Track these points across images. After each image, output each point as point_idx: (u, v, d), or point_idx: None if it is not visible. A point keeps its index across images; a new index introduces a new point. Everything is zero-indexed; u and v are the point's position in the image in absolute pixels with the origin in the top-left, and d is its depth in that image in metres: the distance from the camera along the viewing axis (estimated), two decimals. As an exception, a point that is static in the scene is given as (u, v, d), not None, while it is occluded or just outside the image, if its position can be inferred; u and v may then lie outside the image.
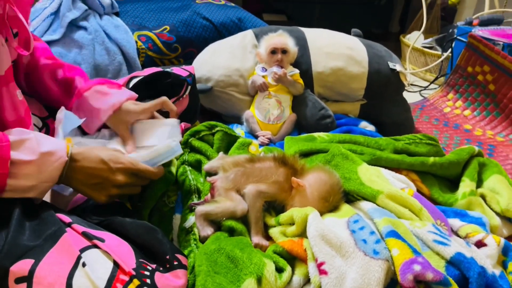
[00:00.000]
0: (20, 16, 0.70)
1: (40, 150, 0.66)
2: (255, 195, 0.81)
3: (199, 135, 1.03)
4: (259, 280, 0.65)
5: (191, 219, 0.82)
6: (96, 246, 0.62)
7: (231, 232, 0.79)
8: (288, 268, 0.71)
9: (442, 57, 2.09)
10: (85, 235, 0.64)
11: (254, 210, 0.80)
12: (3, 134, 0.65)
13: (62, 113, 0.83)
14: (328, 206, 0.83)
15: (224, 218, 0.80)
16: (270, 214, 0.85)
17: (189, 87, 1.05)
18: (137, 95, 0.92)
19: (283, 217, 0.81)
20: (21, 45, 0.75)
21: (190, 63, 1.48)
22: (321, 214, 0.80)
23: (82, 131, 0.92)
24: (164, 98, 0.89)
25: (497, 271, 0.75)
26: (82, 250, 0.61)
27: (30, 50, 0.74)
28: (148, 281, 0.59)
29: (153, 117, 0.91)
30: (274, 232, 0.80)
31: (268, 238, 0.81)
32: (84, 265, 0.59)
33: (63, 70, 0.90)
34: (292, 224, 0.78)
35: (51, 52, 0.93)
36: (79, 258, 0.59)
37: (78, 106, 0.88)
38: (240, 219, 0.81)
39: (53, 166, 0.67)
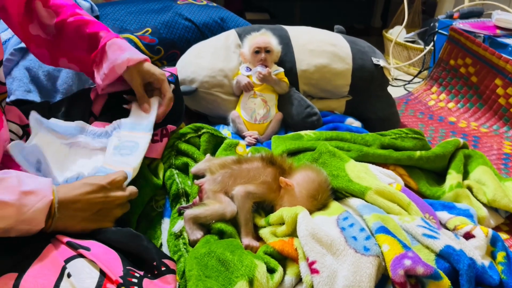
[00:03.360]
0: None
1: (21, 189, 0.59)
2: (244, 196, 0.81)
3: (186, 137, 1.02)
4: (251, 282, 0.65)
5: (180, 223, 0.81)
6: (81, 256, 0.61)
7: (221, 234, 0.78)
8: (280, 269, 0.70)
9: (425, 51, 2.11)
10: (69, 244, 0.62)
11: (244, 212, 0.80)
12: None
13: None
14: (317, 204, 0.83)
15: (214, 221, 0.79)
16: (259, 215, 0.85)
17: (172, 86, 1.04)
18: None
19: (272, 217, 0.80)
20: None
21: (174, 65, 1.47)
22: (311, 212, 0.80)
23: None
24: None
25: (486, 262, 0.76)
26: (67, 260, 0.60)
27: (1, 57, 0.72)
28: None
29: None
30: (264, 232, 0.80)
31: (259, 239, 0.80)
32: (69, 275, 0.57)
33: (88, 26, 0.91)
34: (282, 224, 0.78)
35: (75, 8, 0.93)
36: (64, 269, 0.58)
37: (100, 57, 0.90)
38: (230, 221, 0.80)
39: (35, 207, 0.60)
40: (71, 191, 0.66)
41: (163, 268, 0.65)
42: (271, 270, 0.70)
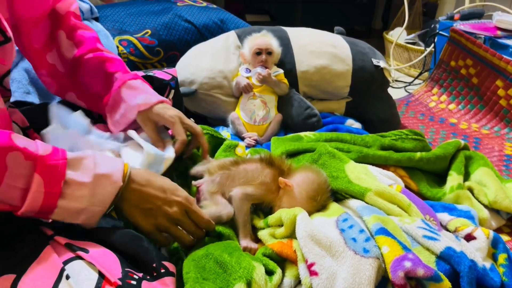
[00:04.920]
0: (5, 23, 0.67)
1: (96, 171, 0.63)
2: (242, 198, 0.80)
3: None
4: (248, 284, 0.64)
5: None
6: (80, 258, 0.60)
7: (219, 237, 0.78)
8: (278, 271, 0.70)
9: (425, 52, 2.11)
10: (68, 246, 0.62)
11: (242, 213, 0.79)
12: (62, 151, 0.62)
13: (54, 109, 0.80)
14: (316, 205, 0.83)
15: None
16: (258, 216, 0.84)
17: (172, 91, 1.03)
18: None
19: (271, 218, 0.80)
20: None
21: (173, 67, 1.47)
22: (310, 214, 0.79)
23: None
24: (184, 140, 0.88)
25: (488, 264, 0.75)
26: (66, 262, 0.59)
27: (10, 64, 0.71)
28: None
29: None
30: (263, 234, 0.79)
31: (257, 240, 0.80)
32: (68, 277, 0.57)
33: (106, 65, 0.89)
34: (281, 225, 0.77)
35: (96, 43, 0.91)
36: (62, 270, 0.57)
37: (113, 102, 0.87)
38: (228, 223, 0.80)
39: (106, 191, 0.63)
40: (146, 186, 0.69)
41: (162, 270, 0.64)
42: (269, 272, 0.69)
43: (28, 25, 0.84)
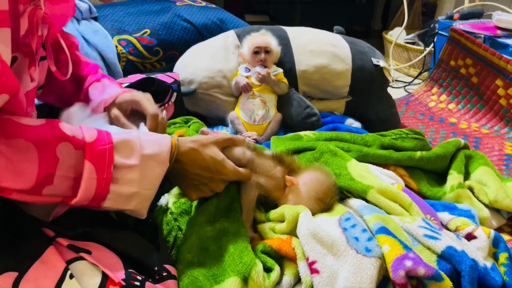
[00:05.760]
0: (62, 42, 0.67)
1: (143, 152, 0.62)
2: (251, 184, 0.79)
3: (176, 126, 1.04)
4: (245, 280, 0.63)
5: (165, 196, 0.80)
6: (83, 258, 0.60)
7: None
8: (277, 268, 0.69)
9: (425, 52, 2.11)
10: (70, 247, 0.61)
11: (248, 199, 0.78)
12: (107, 134, 0.61)
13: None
14: (324, 207, 0.82)
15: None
16: (259, 211, 0.83)
17: (175, 94, 1.03)
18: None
19: (273, 213, 0.79)
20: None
21: (172, 66, 1.46)
22: (313, 213, 0.78)
23: None
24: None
25: (489, 263, 0.74)
26: (69, 262, 0.59)
27: (68, 76, 0.70)
28: None
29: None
30: (262, 227, 0.78)
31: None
32: (71, 277, 0.56)
33: (79, 67, 0.88)
34: (282, 221, 0.77)
35: (75, 50, 0.90)
36: (66, 270, 0.57)
37: (84, 101, 0.86)
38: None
39: (155, 172, 0.63)
40: (190, 166, 0.69)
41: (164, 274, 0.64)
42: (268, 269, 0.69)
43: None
